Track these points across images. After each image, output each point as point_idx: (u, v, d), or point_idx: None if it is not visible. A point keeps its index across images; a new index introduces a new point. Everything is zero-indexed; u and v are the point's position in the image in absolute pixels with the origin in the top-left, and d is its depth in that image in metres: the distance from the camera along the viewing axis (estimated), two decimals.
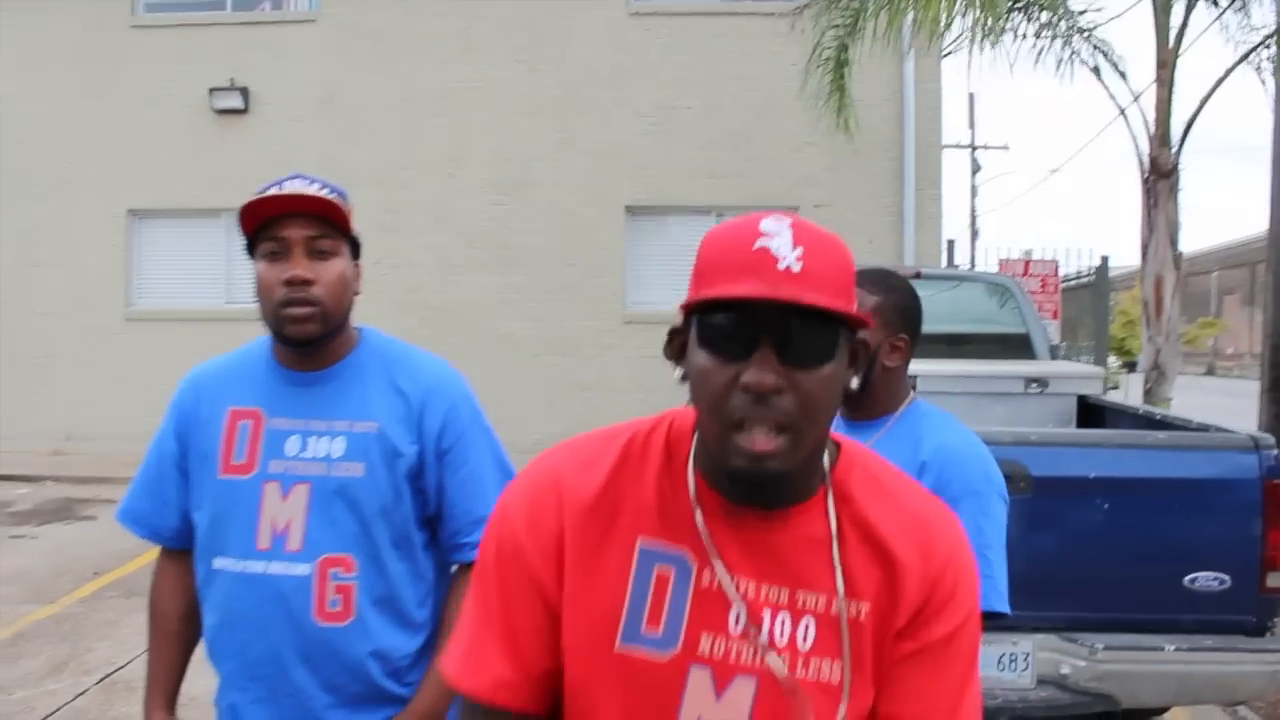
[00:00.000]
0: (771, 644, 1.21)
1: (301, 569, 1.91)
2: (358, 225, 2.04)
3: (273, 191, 1.93)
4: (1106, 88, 8.40)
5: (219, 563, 1.95)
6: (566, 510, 1.25)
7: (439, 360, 2.10)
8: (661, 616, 1.23)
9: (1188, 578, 3.62)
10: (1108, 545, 3.63)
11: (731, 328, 1.15)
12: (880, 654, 1.23)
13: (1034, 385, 5.66)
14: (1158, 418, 4.87)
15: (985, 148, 33.88)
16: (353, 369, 2.01)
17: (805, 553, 1.22)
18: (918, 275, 6.67)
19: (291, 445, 1.94)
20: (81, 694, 5.30)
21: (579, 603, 1.24)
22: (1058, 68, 8.57)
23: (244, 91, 13.10)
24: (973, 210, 34.75)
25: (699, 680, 1.21)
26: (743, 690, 1.21)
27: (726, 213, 12.42)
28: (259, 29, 13.28)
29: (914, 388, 4.80)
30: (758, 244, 1.14)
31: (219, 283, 13.40)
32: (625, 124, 12.51)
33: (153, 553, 2.15)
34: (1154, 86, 8.14)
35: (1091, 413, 5.61)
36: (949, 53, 10.66)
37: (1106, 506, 3.61)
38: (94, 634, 6.27)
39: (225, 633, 1.97)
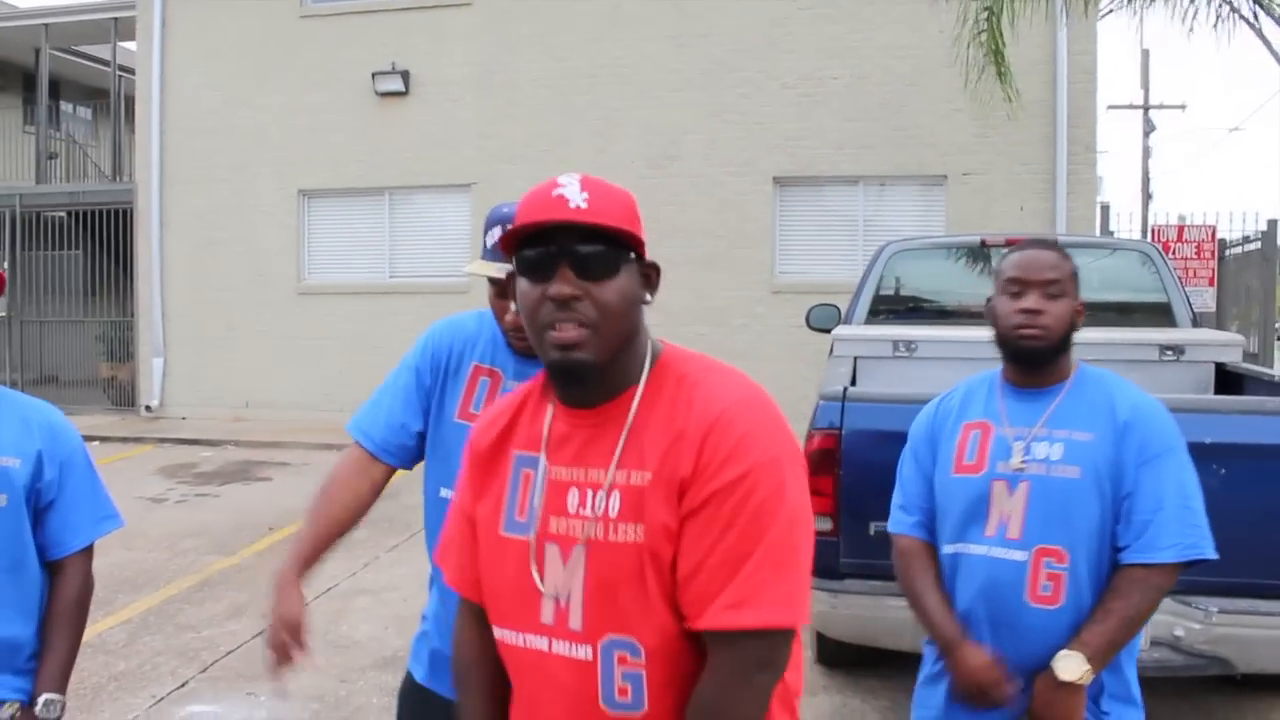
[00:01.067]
0: (594, 516, 1.48)
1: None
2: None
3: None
4: (1267, 42, 8.09)
5: None
6: (473, 450, 1.66)
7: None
8: (526, 507, 1.56)
9: None
10: (1224, 510, 3.63)
11: (537, 256, 1.47)
12: (679, 514, 1.44)
13: (1169, 353, 5.56)
14: None
15: (1160, 107, 32.51)
16: None
17: (611, 437, 1.50)
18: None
19: None
20: (258, 635, 5.76)
21: (484, 504, 1.61)
22: (1215, 25, 8.29)
23: (404, 75, 13.63)
24: (1145, 172, 33.36)
25: (552, 553, 1.52)
26: (578, 557, 1.49)
27: (874, 182, 12.39)
28: (418, 14, 13.77)
29: None
30: (554, 192, 1.47)
31: (383, 257, 14.04)
32: (773, 96, 12.54)
33: None
34: None
35: (1230, 380, 5.49)
36: (1109, 11, 10.36)
37: (1223, 472, 3.60)
38: (268, 582, 6.77)
39: None
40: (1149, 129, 33.11)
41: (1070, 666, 2.15)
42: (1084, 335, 5.52)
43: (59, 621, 2.33)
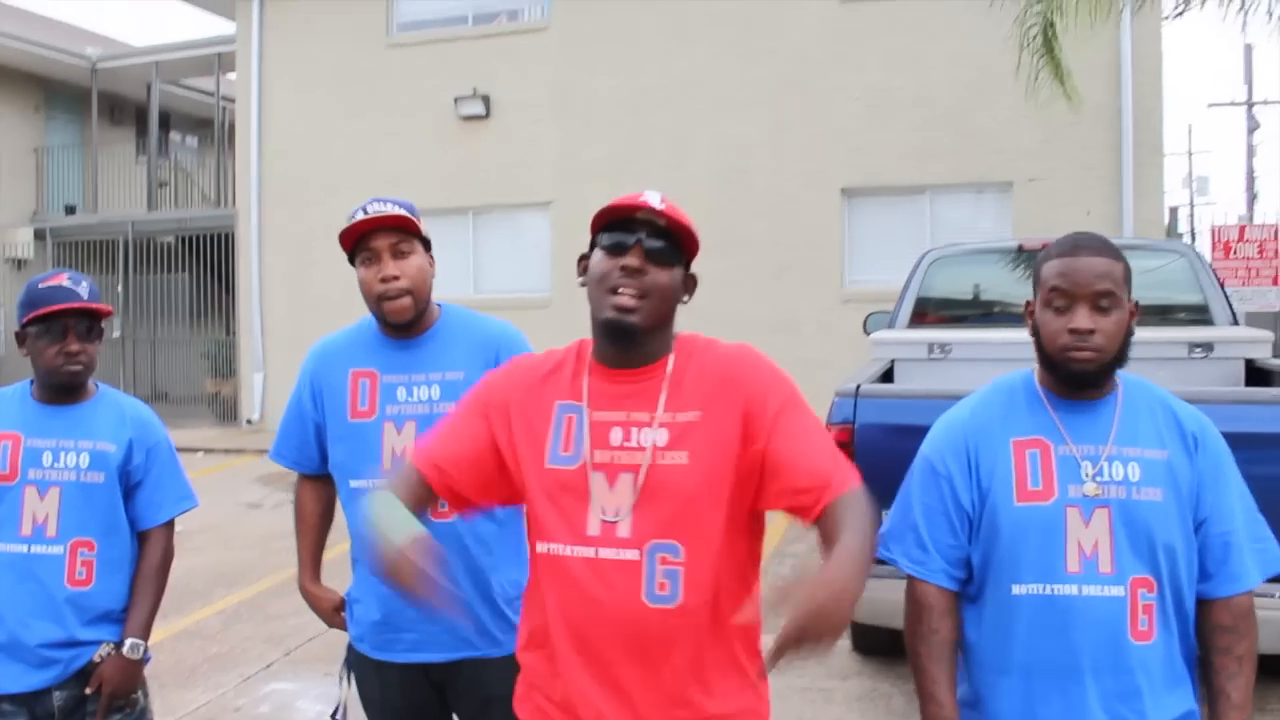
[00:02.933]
0: (641, 447, 1.90)
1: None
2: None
3: (359, 216, 2.57)
4: None
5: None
6: (518, 393, 2.02)
7: (499, 321, 2.76)
8: (570, 443, 1.94)
9: None
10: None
11: (617, 240, 1.92)
12: (726, 442, 1.88)
13: (1198, 350, 5.73)
14: None
15: (1264, 103, 31.80)
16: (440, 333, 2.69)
17: (654, 389, 1.93)
18: None
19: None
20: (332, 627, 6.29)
21: (525, 443, 1.97)
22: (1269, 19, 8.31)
23: (485, 99, 14.22)
24: (1249, 170, 32.58)
25: (598, 480, 1.91)
26: (626, 480, 1.89)
27: (940, 191, 12.56)
28: (497, 40, 14.39)
29: None
30: (641, 197, 1.93)
31: (468, 273, 14.60)
32: (839, 108, 12.82)
33: None
34: None
35: (1260, 376, 5.65)
36: (1181, 10, 10.38)
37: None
38: (350, 579, 7.28)
39: None
40: (1253, 126, 32.38)
41: None
42: None
43: (144, 582, 2.83)
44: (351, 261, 2.65)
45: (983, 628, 2.11)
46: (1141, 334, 6.10)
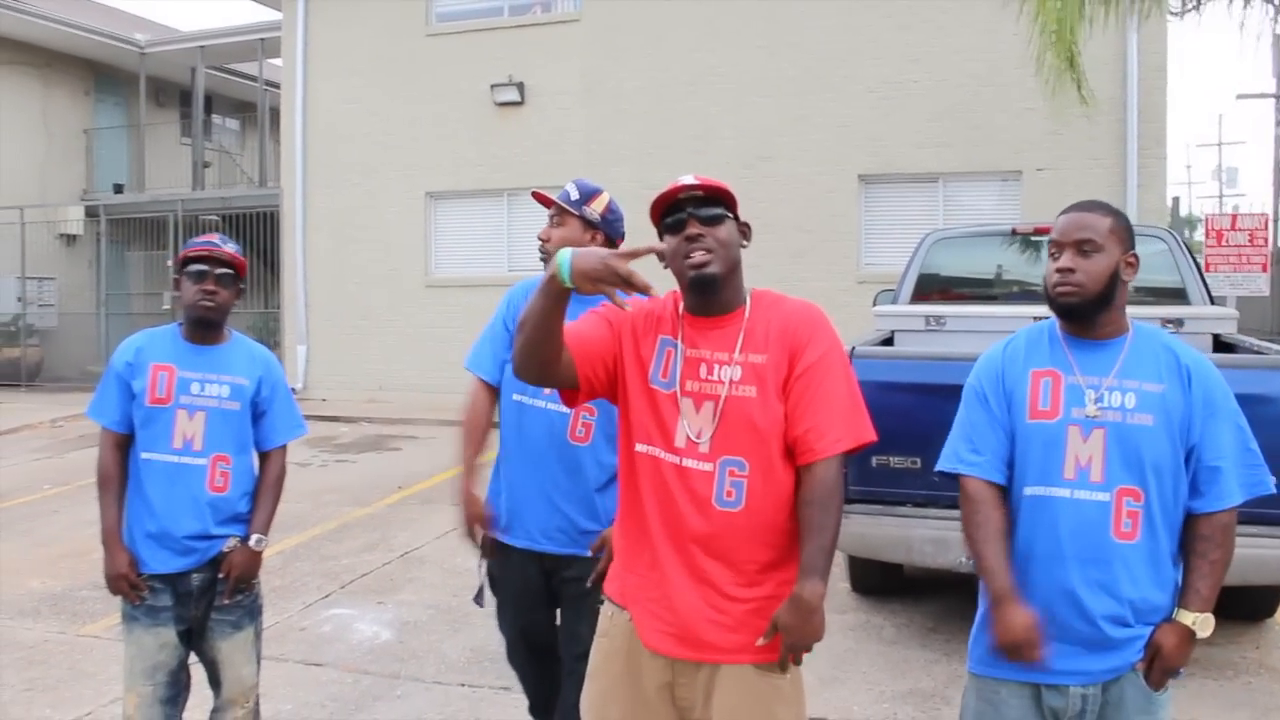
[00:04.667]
0: (722, 380, 2.33)
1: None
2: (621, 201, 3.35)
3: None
4: None
5: None
6: (634, 321, 2.44)
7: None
8: (668, 371, 2.37)
9: None
10: None
11: (674, 219, 2.36)
12: (780, 380, 2.31)
13: (1170, 325, 6.23)
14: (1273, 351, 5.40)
15: None
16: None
17: (733, 334, 2.36)
18: None
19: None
20: (388, 563, 6.96)
21: (633, 360, 2.41)
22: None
23: (520, 86, 14.82)
24: (1277, 162, 32.50)
25: (687, 404, 2.34)
26: (709, 407, 2.32)
27: (953, 179, 13.09)
28: (532, 30, 15.00)
29: None
30: (678, 181, 2.35)
31: (501, 253, 15.25)
32: (857, 99, 13.36)
33: (444, 474, 3.46)
34: None
35: (1225, 348, 6.17)
36: (1190, 9, 10.79)
37: None
38: (397, 527, 7.97)
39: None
40: None
41: (1208, 624, 2.39)
42: None
43: (265, 490, 3.46)
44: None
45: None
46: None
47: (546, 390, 2.96)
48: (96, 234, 19.05)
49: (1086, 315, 2.46)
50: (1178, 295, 6.90)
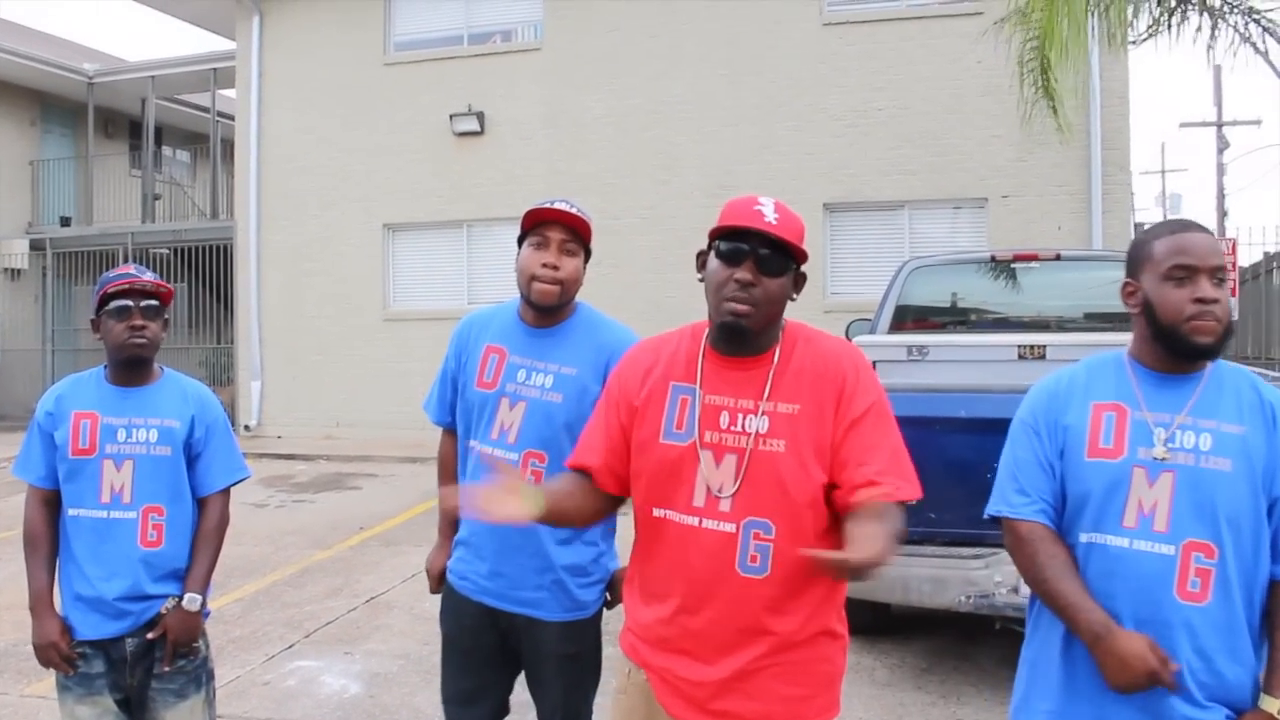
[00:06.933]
0: (746, 432, 2.11)
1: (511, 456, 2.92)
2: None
3: (548, 205, 2.83)
4: (1274, 66, 8.67)
5: None
6: (631, 383, 2.26)
7: (623, 327, 2.94)
8: (683, 422, 2.16)
9: None
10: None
11: (733, 248, 2.10)
12: (819, 434, 2.08)
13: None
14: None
15: (1233, 124, 32.60)
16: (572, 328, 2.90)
17: (760, 379, 2.13)
18: (1057, 257, 7.24)
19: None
20: (353, 609, 6.66)
21: (642, 419, 2.21)
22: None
23: (480, 116, 14.60)
24: (1220, 189, 33.21)
25: (706, 457, 2.12)
26: (730, 461, 2.10)
27: (918, 206, 13.04)
28: (492, 59, 14.80)
29: (1043, 357, 5.40)
30: (754, 206, 2.10)
31: (461, 285, 14.99)
32: (821, 128, 13.28)
33: (407, 514, 3.24)
34: None
35: None
36: (1147, 37, 10.85)
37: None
38: (361, 570, 7.67)
39: None
40: (1223, 145, 33.03)
41: None
42: (1063, 339, 6.19)
43: (203, 542, 3.16)
44: (519, 242, 2.90)
45: None
46: (1097, 337, 6.49)
47: (494, 435, 2.85)
48: (42, 268, 18.60)
49: (1218, 353, 2.17)
50: None
